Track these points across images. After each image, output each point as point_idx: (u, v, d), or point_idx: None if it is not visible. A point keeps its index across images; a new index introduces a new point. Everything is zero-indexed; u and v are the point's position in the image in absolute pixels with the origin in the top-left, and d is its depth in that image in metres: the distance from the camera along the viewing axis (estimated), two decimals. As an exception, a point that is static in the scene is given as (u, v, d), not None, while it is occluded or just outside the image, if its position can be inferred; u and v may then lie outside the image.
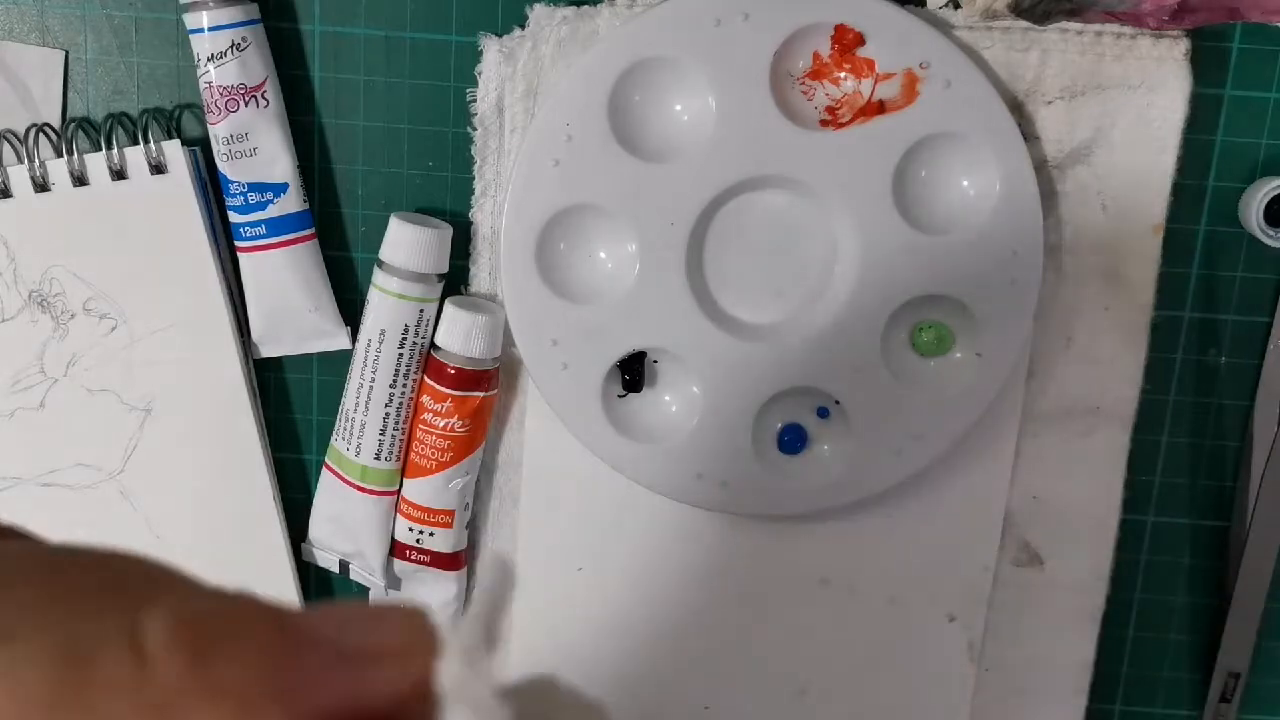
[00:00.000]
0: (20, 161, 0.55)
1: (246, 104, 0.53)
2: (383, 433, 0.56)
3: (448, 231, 0.55)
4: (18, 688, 0.15)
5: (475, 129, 0.55)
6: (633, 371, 0.55)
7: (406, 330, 0.55)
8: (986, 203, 0.53)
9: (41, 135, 0.55)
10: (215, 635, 0.16)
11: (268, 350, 0.57)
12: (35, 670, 0.15)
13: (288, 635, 0.16)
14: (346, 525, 0.58)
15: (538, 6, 0.53)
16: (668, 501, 0.57)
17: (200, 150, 0.56)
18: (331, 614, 0.18)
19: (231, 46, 0.52)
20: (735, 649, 0.60)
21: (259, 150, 0.54)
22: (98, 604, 0.17)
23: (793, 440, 0.56)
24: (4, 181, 0.55)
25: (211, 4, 0.52)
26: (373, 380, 0.55)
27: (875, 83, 0.52)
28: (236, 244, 0.55)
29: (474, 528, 0.59)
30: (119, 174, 0.54)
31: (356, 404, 0.55)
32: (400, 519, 0.57)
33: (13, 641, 0.16)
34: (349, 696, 0.17)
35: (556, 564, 0.59)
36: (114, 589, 0.17)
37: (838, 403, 0.55)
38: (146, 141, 0.54)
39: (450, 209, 0.56)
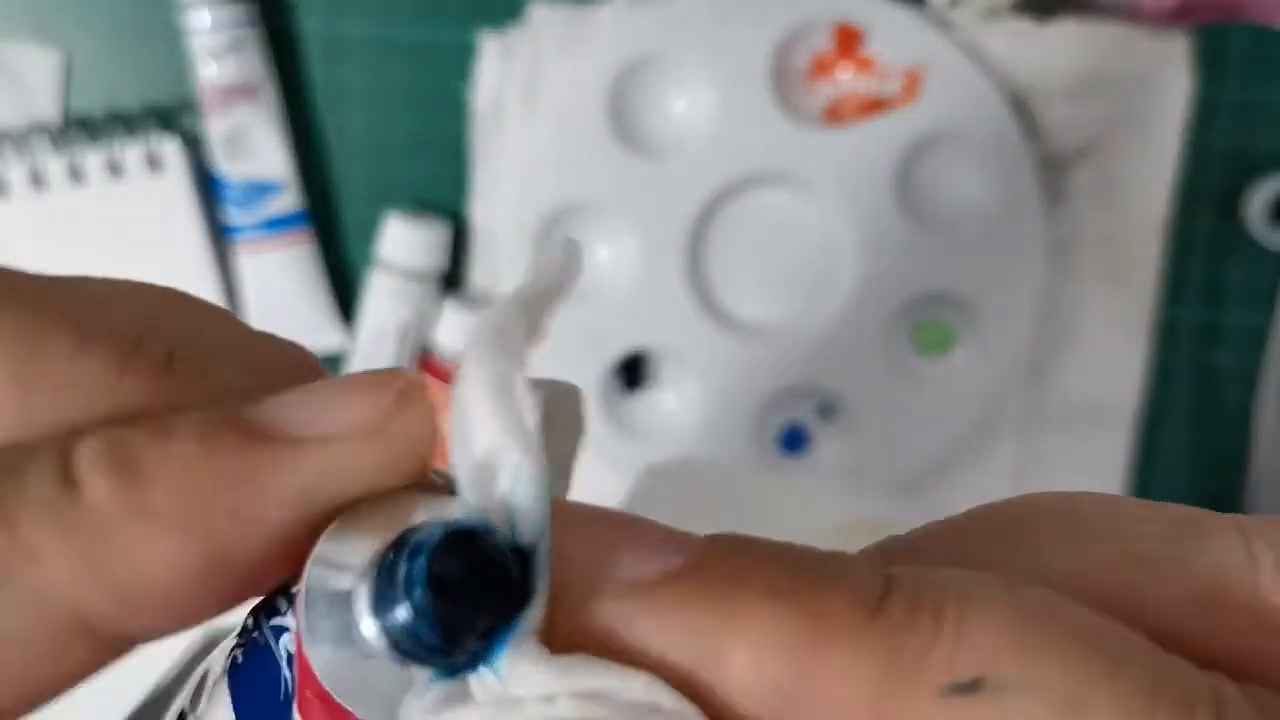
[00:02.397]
0: (18, 159, 0.54)
1: (244, 102, 0.53)
2: (381, 432, 0.55)
3: (447, 231, 0.55)
4: None
5: (475, 128, 0.55)
6: (633, 371, 0.55)
7: (405, 329, 0.54)
8: (987, 201, 0.53)
9: (39, 133, 0.55)
10: (147, 449, 0.14)
11: (266, 350, 0.57)
12: None
13: (227, 437, 0.14)
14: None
15: (537, 4, 0.53)
16: (667, 502, 0.56)
17: (198, 148, 0.55)
18: (290, 398, 0.15)
19: (230, 45, 0.52)
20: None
21: (256, 149, 0.53)
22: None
23: (793, 440, 0.56)
24: (1, 179, 0.54)
25: (210, 3, 0.52)
26: (371, 380, 0.55)
27: (876, 81, 0.52)
28: (233, 243, 0.55)
29: (473, 528, 0.59)
30: (116, 172, 0.54)
31: (355, 404, 0.55)
32: (399, 519, 0.57)
33: None
34: (303, 492, 0.14)
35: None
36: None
37: (839, 402, 0.55)
38: (144, 140, 0.54)
39: (450, 208, 0.56)
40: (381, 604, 0.13)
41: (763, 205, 0.54)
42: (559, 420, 0.16)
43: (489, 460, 0.14)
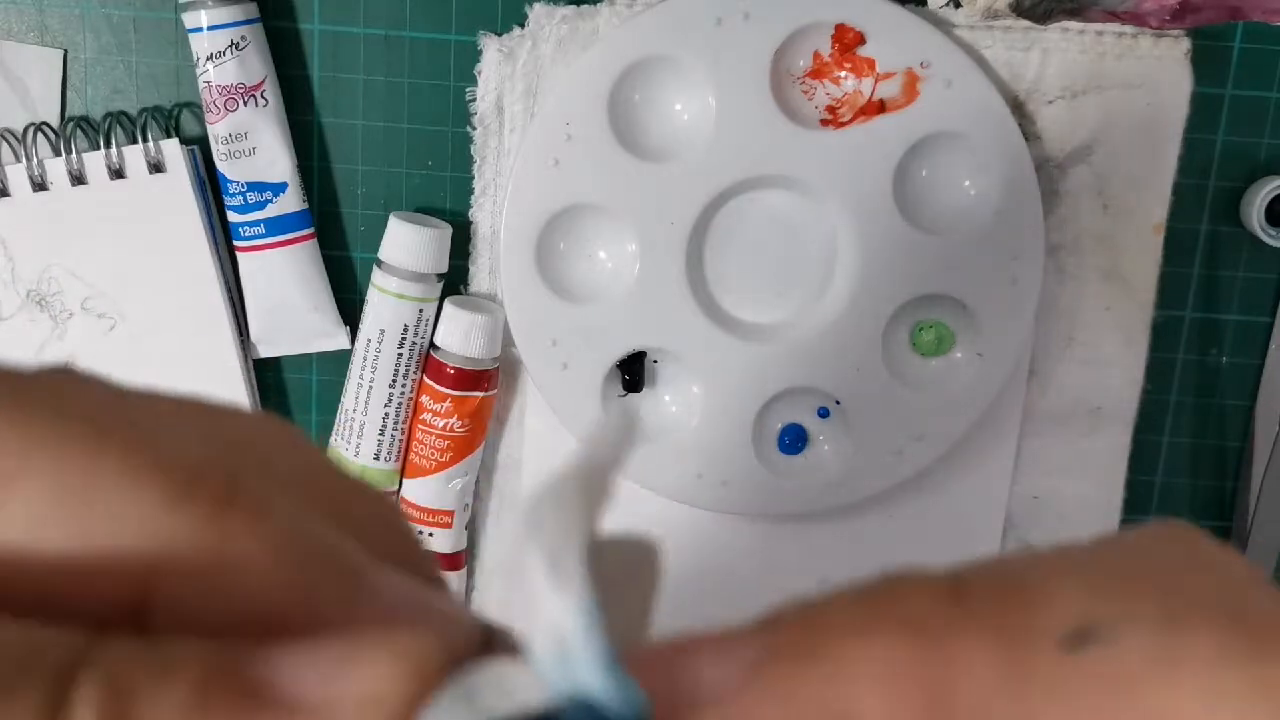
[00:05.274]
0: (18, 160, 0.54)
1: (245, 103, 0.53)
2: (382, 433, 0.55)
3: (447, 231, 0.55)
4: None
5: (475, 129, 0.55)
6: (633, 371, 0.55)
7: (406, 330, 0.54)
8: (987, 202, 0.53)
9: (40, 134, 0.55)
10: (143, 699, 0.13)
11: (266, 350, 0.57)
12: None
13: (224, 696, 0.14)
14: (346, 526, 0.57)
15: (537, 6, 0.53)
16: (668, 501, 0.56)
17: (199, 149, 0.55)
18: (298, 658, 0.14)
19: (230, 46, 0.52)
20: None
21: (258, 150, 0.54)
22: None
23: (793, 440, 0.56)
24: (2, 181, 0.54)
25: (210, 3, 0.52)
26: (372, 380, 0.55)
27: (876, 82, 0.52)
28: (235, 243, 0.55)
29: (474, 528, 0.59)
30: (117, 173, 0.54)
31: (356, 404, 0.55)
32: (399, 519, 0.57)
33: None
34: None
35: (556, 564, 0.59)
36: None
37: (838, 403, 0.55)
38: (145, 141, 0.54)
39: (450, 209, 0.56)
40: None
41: (762, 206, 0.54)
42: (635, 575, 0.16)
43: (558, 638, 0.14)
